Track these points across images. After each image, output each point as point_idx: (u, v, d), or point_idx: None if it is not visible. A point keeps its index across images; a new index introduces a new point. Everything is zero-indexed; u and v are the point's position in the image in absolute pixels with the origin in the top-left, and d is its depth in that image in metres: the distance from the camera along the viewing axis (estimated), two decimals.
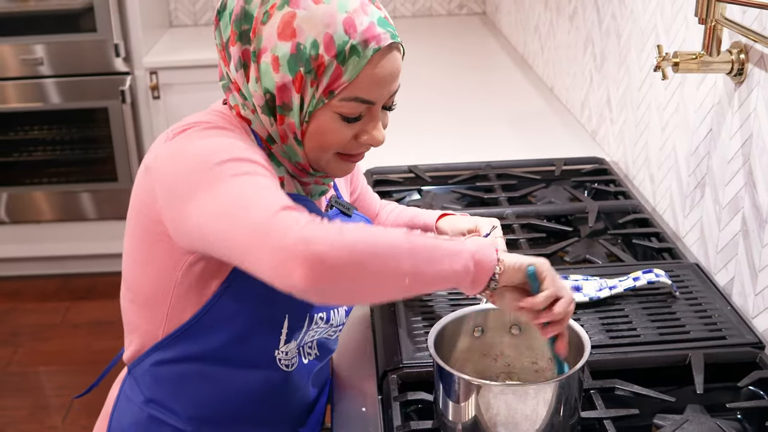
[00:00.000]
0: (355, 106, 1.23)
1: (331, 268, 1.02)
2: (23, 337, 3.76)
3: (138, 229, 1.27)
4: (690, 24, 1.83)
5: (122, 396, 1.41)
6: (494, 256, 1.19)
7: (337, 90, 1.21)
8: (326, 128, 1.25)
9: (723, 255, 1.71)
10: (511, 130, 2.68)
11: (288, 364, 1.36)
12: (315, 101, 1.22)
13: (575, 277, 1.66)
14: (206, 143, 1.19)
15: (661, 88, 2.01)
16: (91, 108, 3.96)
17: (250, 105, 1.27)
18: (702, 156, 1.80)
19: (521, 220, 1.97)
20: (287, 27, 1.20)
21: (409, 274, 1.10)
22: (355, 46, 1.20)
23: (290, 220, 1.04)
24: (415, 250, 1.11)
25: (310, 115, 1.23)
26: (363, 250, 1.05)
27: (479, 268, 1.17)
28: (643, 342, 1.51)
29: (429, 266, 1.12)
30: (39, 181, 4.08)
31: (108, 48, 3.84)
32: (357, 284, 1.07)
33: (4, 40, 3.84)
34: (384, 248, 1.08)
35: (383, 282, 1.10)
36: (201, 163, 1.15)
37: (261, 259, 1.05)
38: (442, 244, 1.15)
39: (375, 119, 1.28)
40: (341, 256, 1.03)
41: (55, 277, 4.18)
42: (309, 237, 1.02)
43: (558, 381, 1.21)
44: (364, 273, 1.06)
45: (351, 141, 1.28)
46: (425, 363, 1.46)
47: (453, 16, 4.45)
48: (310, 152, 1.28)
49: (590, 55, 2.55)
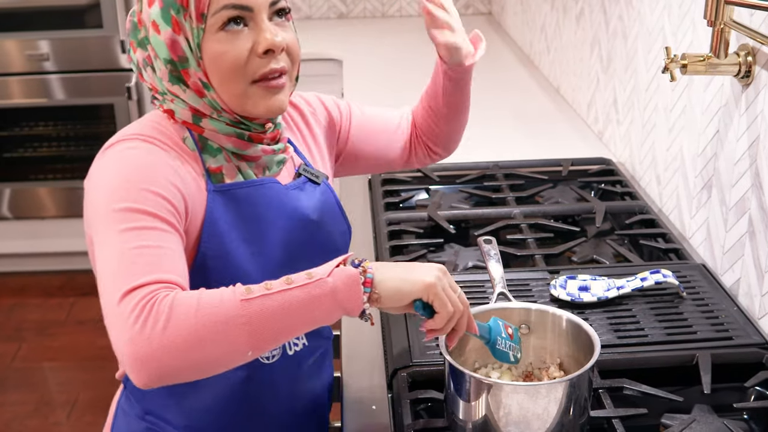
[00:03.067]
0: (227, 13, 1.22)
1: (160, 367, 1.05)
2: (28, 332, 3.77)
3: (90, 244, 1.27)
4: (697, 26, 1.84)
5: (119, 410, 1.42)
6: (359, 295, 1.13)
7: (205, 9, 1.22)
8: (218, 52, 1.23)
9: (729, 256, 1.73)
10: (518, 130, 2.69)
11: (268, 357, 1.35)
12: (196, 31, 1.23)
13: (583, 277, 1.67)
14: (118, 175, 1.19)
15: (668, 90, 2.02)
16: (97, 104, 3.97)
17: (168, 96, 1.28)
18: (709, 157, 1.81)
19: (529, 220, 1.98)
20: None
21: (249, 347, 1.09)
22: None
23: (125, 315, 1.06)
24: (254, 320, 1.08)
25: (200, 48, 1.24)
26: (192, 340, 1.06)
27: (347, 307, 1.13)
28: (650, 342, 1.52)
29: (277, 330, 1.10)
30: (44, 177, 4.09)
31: (114, 44, 3.85)
32: (192, 370, 1.09)
33: (9, 35, 3.85)
34: (214, 330, 1.07)
35: (217, 362, 1.10)
36: (104, 203, 1.17)
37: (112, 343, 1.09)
38: (293, 299, 1.10)
39: (261, 26, 1.25)
40: (167, 354, 1.05)
41: (60, 273, 4.19)
42: (132, 339, 1.05)
43: (569, 380, 1.23)
44: (196, 361, 1.07)
45: (252, 57, 1.25)
46: (435, 362, 1.47)
47: (459, 16, 4.44)
48: (223, 89, 1.26)
49: (597, 56, 2.56)
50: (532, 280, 1.70)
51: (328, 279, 1.12)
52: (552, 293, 1.65)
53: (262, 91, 1.27)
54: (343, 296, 1.12)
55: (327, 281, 1.12)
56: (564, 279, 1.67)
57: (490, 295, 1.60)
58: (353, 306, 1.13)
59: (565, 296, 1.63)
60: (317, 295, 1.11)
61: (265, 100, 1.27)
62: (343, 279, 1.12)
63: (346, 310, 1.13)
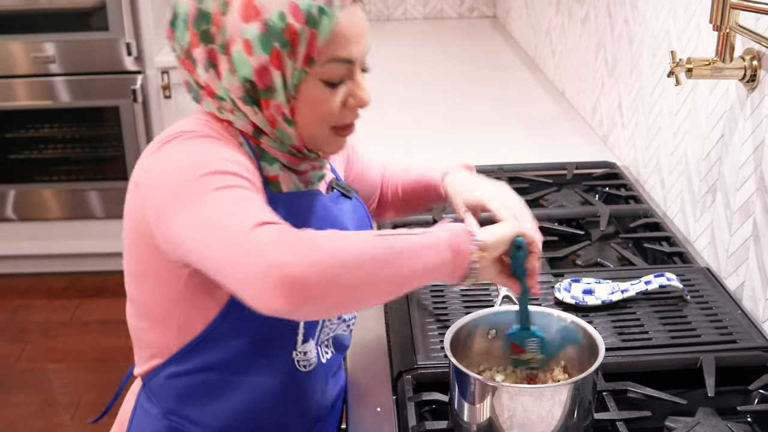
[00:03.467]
0: (336, 67, 1.23)
1: (309, 290, 1.03)
2: (32, 334, 3.78)
3: (134, 246, 1.27)
4: (702, 30, 1.84)
5: (138, 408, 1.39)
6: (469, 242, 1.20)
7: (315, 55, 1.20)
8: (314, 98, 1.24)
9: (734, 259, 1.73)
10: (523, 133, 2.69)
11: (306, 365, 1.36)
12: (298, 73, 1.21)
13: (587, 280, 1.68)
14: (189, 155, 1.18)
15: (673, 94, 2.02)
16: (102, 107, 3.98)
17: (228, 104, 1.25)
18: (713, 161, 1.81)
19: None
20: (249, 8, 1.18)
21: (387, 280, 1.11)
22: (321, 7, 1.19)
23: (264, 240, 1.04)
24: (389, 254, 1.11)
25: (296, 88, 1.22)
26: (337, 265, 1.05)
27: (456, 257, 1.18)
28: (654, 345, 1.52)
29: (405, 267, 1.13)
30: (48, 179, 4.10)
31: (120, 47, 3.86)
32: (336, 300, 1.08)
33: (15, 37, 3.87)
34: (358, 259, 1.08)
35: (362, 292, 1.10)
36: (183, 177, 1.15)
37: (238, 282, 1.06)
38: (415, 241, 1.15)
39: (357, 80, 1.27)
40: (316, 275, 1.03)
41: (65, 274, 4.20)
42: (283, 260, 1.02)
43: (573, 383, 1.23)
44: (342, 288, 1.06)
45: (341, 109, 1.26)
46: (440, 364, 1.47)
47: (464, 19, 4.46)
48: (304, 129, 1.26)
49: (602, 60, 2.57)
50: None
51: (438, 230, 1.19)
52: (556, 296, 1.65)
53: (338, 137, 1.30)
54: (455, 243, 1.18)
55: (438, 231, 1.18)
56: (568, 282, 1.67)
57: (494, 298, 1.61)
58: (463, 253, 1.18)
59: (569, 299, 1.63)
60: (433, 240, 1.17)
61: (337, 143, 1.31)
62: (450, 229, 1.19)
63: (458, 257, 1.18)
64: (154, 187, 1.19)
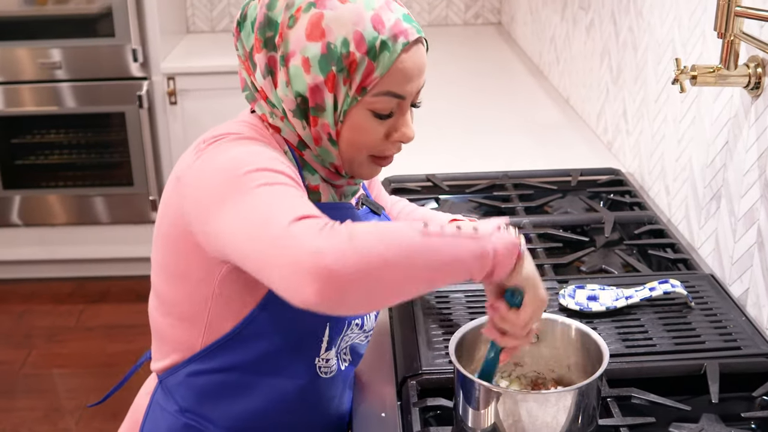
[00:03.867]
0: (387, 101, 1.24)
1: (343, 281, 1.01)
2: (38, 339, 3.79)
3: (169, 242, 1.28)
4: (707, 37, 1.85)
5: (154, 405, 1.39)
6: (512, 261, 1.18)
7: (369, 86, 1.22)
8: (361, 126, 1.25)
9: (738, 266, 1.73)
10: (528, 140, 2.70)
11: (327, 371, 1.36)
12: (349, 99, 1.23)
13: (592, 287, 1.68)
14: (233, 154, 1.20)
15: (678, 101, 2.02)
16: (108, 112, 4.00)
17: (279, 112, 1.28)
18: (718, 168, 1.81)
19: (538, 229, 1.99)
20: (316, 28, 1.21)
21: (424, 280, 1.11)
22: (385, 41, 1.21)
23: (302, 232, 1.04)
24: (433, 257, 1.09)
25: (345, 113, 1.24)
26: (376, 259, 1.04)
27: (497, 270, 1.16)
28: (659, 351, 1.53)
29: (446, 274, 1.12)
30: (54, 184, 4.11)
31: (126, 53, 3.87)
32: (369, 294, 1.06)
33: (21, 43, 3.88)
34: (398, 255, 1.06)
35: (397, 289, 1.09)
36: (227, 173, 1.16)
37: (274, 272, 1.05)
38: (464, 248, 1.12)
39: (405, 116, 1.29)
40: (353, 267, 1.02)
41: (70, 280, 4.21)
42: (319, 249, 1.01)
43: (577, 388, 1.23)
44: (376, 283, 1.05)
45: (384, 140, 1.28)
46: (444, 369, 1.47)
47: (469, 26, 4.47)
48: (345, 152, 1.28)
49: (606, 67, 2.57)
50: None
51: (492, 238, 1.15)
52: (561, 302, 1.66)
53: (374, 166, 1.32)
54: (501, 258, 1.15)
55: (491, 239, 1.15)
56: (573, 288, 1.68)
57: None
58: (502, 269, 1.17)
59: (573, 306, 1.64)
60: (482, 250, 1.14)
61: (372, 170, 1.33)
62: (506, 243, 1.16)
63: (493, 272, 1.16)
64: (196, 183, 1.20)
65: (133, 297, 4.04)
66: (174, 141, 3.98)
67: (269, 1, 1.24)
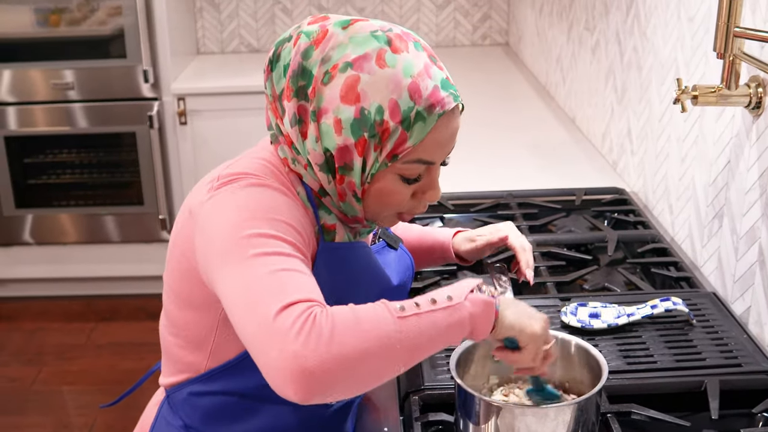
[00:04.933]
0: (416, 167, 1.24)
1: (324, 381, 1.03)
2: (48, 356, 3.81)
3: (179, 269, 1.29)
4: (709, 58, 1.87)
5: (161, 419, 1.42)
6: (492, 320, 1.18)
7: (401, 154, 1.21)
8: (388, 189, 1.25)
9: (740, 284, 1.74)
10: (533, 159, 2.72)
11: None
12: (378, 164, 1.21)
13: (594, 304, 1.69)
14: (243, 206, 1.18)
15: (681, 121, 2.04)
16: (119, 132, 4.03)
17: (303, 160, 1.26)
18: (720, 187, 1.83)
19: (542, 248, 2.01)
20: (351, 90, 1.18)
21: (405, 360, 1.10)
22: (420, 112, 1.19)
23: (286, 329, 1.04)
24: (411, 339, 1.10)
25: (372, 177, 1.23)
26: (355, 355, 1.05)
27: (475, 332, 1.17)
28: (659, 368, 1.54)
29: (425, 349, 1.13)
30: (66, 203, 4.14)
31: (137, 74, 3.91)
32: (351, 385, 1.07)
33: (35, 64, 3.93)
34: (376, 346, 1.07)
35: (376, 375, 1.09)
36: (232, 231, 1.15)
37: (260, 359, 1.06)
38: (441, 321, 1.12)
39: (433, 178, 1.28)
40: (333, 367, 1.03)
41: (81, 298, 4.23)
42: (301, 353, 1.02)
43: (577, 403, 1.25)
44: (358, 375, 1.06)
45: (410, 200, 1.28)
46: (446, 385, 1.49)
47: (476, 47, 4.50)
48: (369, 209, 1.28)
49: (611, 87, 2.59)
50: (543, 307, 1.72)
51: (466, 303, 1.15)
52: (563, 320, 1.67)
53: (396, 218, 1.33)
54: (477, 322, 1.16)
55: (465, 305, 1.15)
56: (575, 306, 1.69)
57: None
58: (481, 332, 1.17)
59: (575, 323, 1.65)
60: (458, 319, 1.14)
61: (393, 222, 1.34)
62: (480, 306, 1.16)
63: (472, 335, 1.17)
64: (204, 229, 1.20)
65: (143, 315, 4.06)
66: (184, 161, 4.01)
67: (305, 50, 1.21)
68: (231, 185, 1.22)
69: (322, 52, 1.20)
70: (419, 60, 1.21)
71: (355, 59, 1.19)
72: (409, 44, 1.22)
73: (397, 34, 1.22)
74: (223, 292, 1.14)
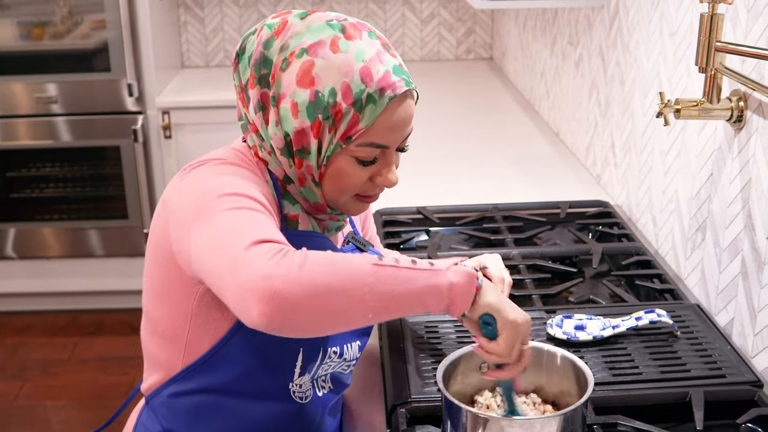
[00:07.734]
0: (370, 150, 1.28)
1: (289, 305, 1.05)
2: (32, 371, 3.79)
3: (155, 262, 1.32)
4: (692, 72, 1.89)
5: (139, 425, 1.44)
6: (471, 294, 1.20)
7: (354, 136, 1.26)
8: (343, 171, 1.29)
9: (723, 296, 1.76)
10: (518, 173, 2.73)
11: (302, 396, 1.39)
12: (332, 146, 1.27)
13: (579, 317, 1.70)
14: (213, 177, 1.25)
15: (664, 134, 2.06)
16: (103, 146, 4.03)
17: (268, 146, 1.31)
18: (703, 200, 1.84)
19: (527, 261, 2.02)
20: (306, 75, 1.24)
21: (374, 310, 1.12)
22: (371, 94, 1.25)
23: (257, 256, 1.08)
24: (384, 288, 1.12)
25: (328, 159, 1.28)
26: (322, 285, 1.07)
27: (454, 305, 1.19)
28: (644, 380, 1.55)
29: (399, 304, 1.15)
30: (49, 217, 4.13)
31: (121, 87, 3.91)
32: (315, 319, 1.09)
33: (18, 78, 3.92)
34: (344, 283, 1.09)
35: (343, 316, 1.11)
36: (202, 195, 1.20)
37: (229, 292, 1.09)
38: (418, 279, 1.15)
39: (389, 162, 1.32)
40: (299, 292, 1.06)
41: (64, 312, 4.22)
42: (269, 273, 1.05)
43: (563, 414, 1.25)
44: (322, 309, 1.08)
45: (366, 183, 1.32)
46: (433, 398, 1.49)
47: (460, 61, 4.52)
48: (328, 193, 1.32)
49: (595, 101, 2.61)
50: None
51: (447, 273, 1.18)
52: (548, 332, 1.68)
53: (360, 203, 1.36)
54: (457, 291, 1.19)
55: (446, 274, 1.18)
56: (560, 318, 1.70)
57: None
58: (460, 304, 1.20)
59: (561, 335, 1.66)
60: (436, 283, 1.17)
61: (359, 206, 1.37)
62: (462, 277, 1.19)
63: (450, 307, 1.19)
64: (177, 205, 1.24)
65: (127, 329, 4.05)
66: (168, 174, 4.00)
67: (266, 40, 1.28)
68: (201, 167, 1.28)
69: (282, 41, 1.27)
70: (372, 47, 1.27)
71: (311, 45, 1.25)
72: (363, 33, 1.28)
73: (352, 23, 1.29)
74: (193, 249, 1.17)
